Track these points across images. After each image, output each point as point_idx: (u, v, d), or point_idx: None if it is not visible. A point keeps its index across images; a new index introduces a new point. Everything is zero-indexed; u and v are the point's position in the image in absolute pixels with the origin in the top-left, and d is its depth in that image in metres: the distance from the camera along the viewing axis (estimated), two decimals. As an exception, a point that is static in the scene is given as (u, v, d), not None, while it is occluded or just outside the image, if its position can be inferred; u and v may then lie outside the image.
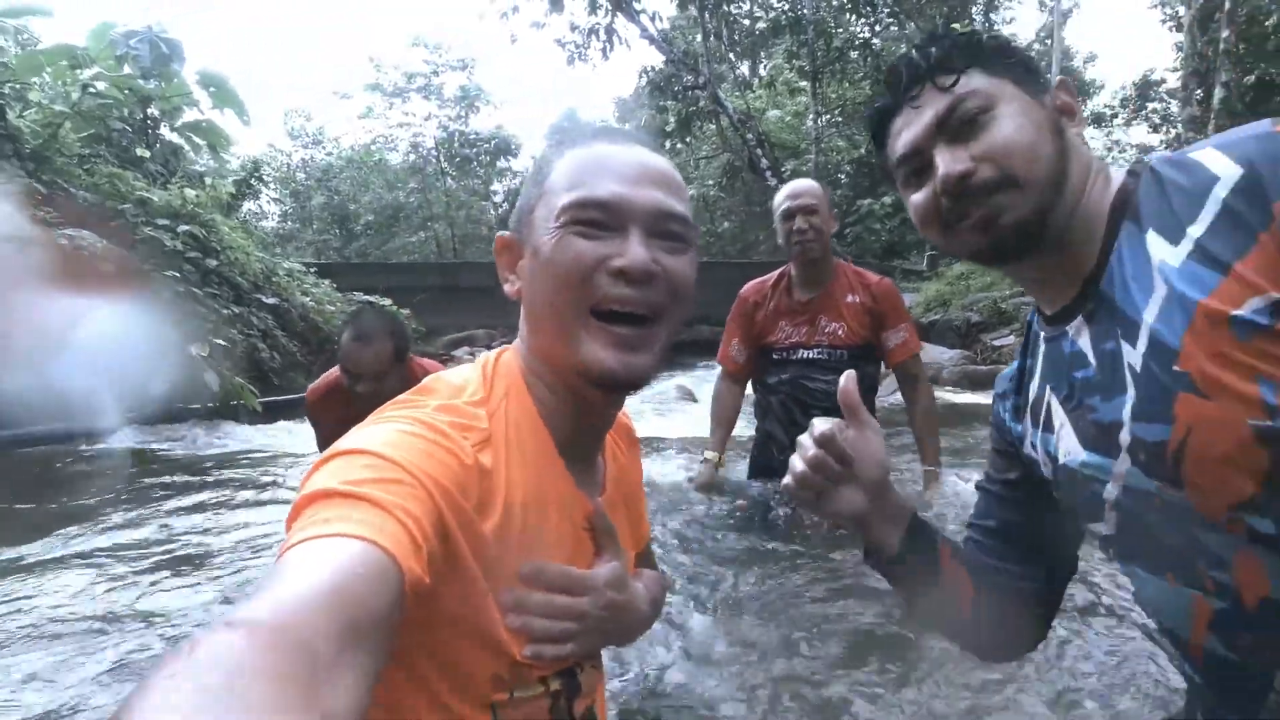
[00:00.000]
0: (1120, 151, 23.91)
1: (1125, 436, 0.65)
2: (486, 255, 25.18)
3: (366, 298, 10.37)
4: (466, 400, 0.64)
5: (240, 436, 4.81)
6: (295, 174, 24.72)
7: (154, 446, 4.28)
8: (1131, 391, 0.64)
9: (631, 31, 13.29)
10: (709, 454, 2.53)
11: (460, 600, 0.58)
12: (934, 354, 7.91)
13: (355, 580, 0.42)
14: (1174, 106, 19.81)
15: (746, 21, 17.59)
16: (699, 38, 15.31)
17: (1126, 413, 0.65)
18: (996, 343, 8.35)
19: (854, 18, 15.07)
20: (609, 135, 0.71)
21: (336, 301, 9.30)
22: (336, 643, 0.39)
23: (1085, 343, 0.70)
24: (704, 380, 9.49)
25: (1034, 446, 0.80)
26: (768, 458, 2.54)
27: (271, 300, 6.88)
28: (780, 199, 2.39)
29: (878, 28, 15.59)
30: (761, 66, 21.77)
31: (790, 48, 15.11)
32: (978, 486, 0.92)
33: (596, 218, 0.65)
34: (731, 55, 18.19)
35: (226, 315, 5.94)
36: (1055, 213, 0.68)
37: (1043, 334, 0.77)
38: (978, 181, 0.68)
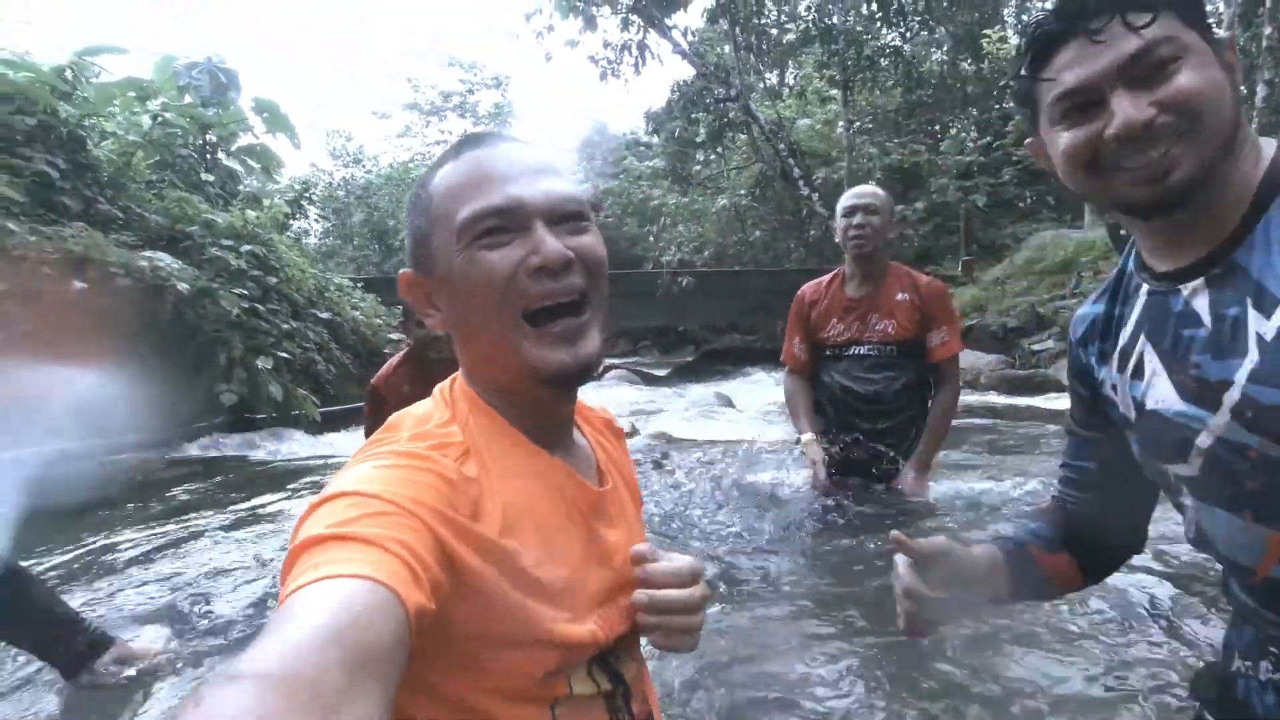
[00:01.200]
0: (1162, 151, 23.35)
1: (1234, 395, 0.67)
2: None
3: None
4: (435, 425, 0.64)
5: (308, 443, 5.09)
6: (336, 192, 25.53)
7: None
8: (1255, 357, 0.65)
9: (663, 47, 13.54)
10: (806, 435, 2.61)
11: (486, 611, 0.57)
12: (971, 359, 7.92)
13: (356, 618, 0.42)
14: (1217, 104, 19.32)
15: (775, 31, 17.72)
16: (728, 49, 15.51)
17: (1242, 374, 0.66)
18: (1035, 347, 8.31)
19: (883, 27, 15.09)
20: (474, 142, 0.70)
21: (383, 315, 9.65)
22: (344, 683, 0.39)
23: (1202, 304, 0.70)
24: (739, 388, 9.60)
25: (1114, 389, 0.82)
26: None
27: (325, 315, 7.20)
28: (844, 198, 2.57)
29: (908, 35, 15.60)
30: (790, 75, 21.87)
31: (821, 57, 15.19)
32: (1066, 431, 0.95)
33: (497, 225, 0.64)
34: (760, 66, 18.34)
35: (286, 330, 6.26)
36: (1219, 174, 0.67)
37: (1145, 286, 0.77)
38: (1159, 131, 0.66)
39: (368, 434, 3.03)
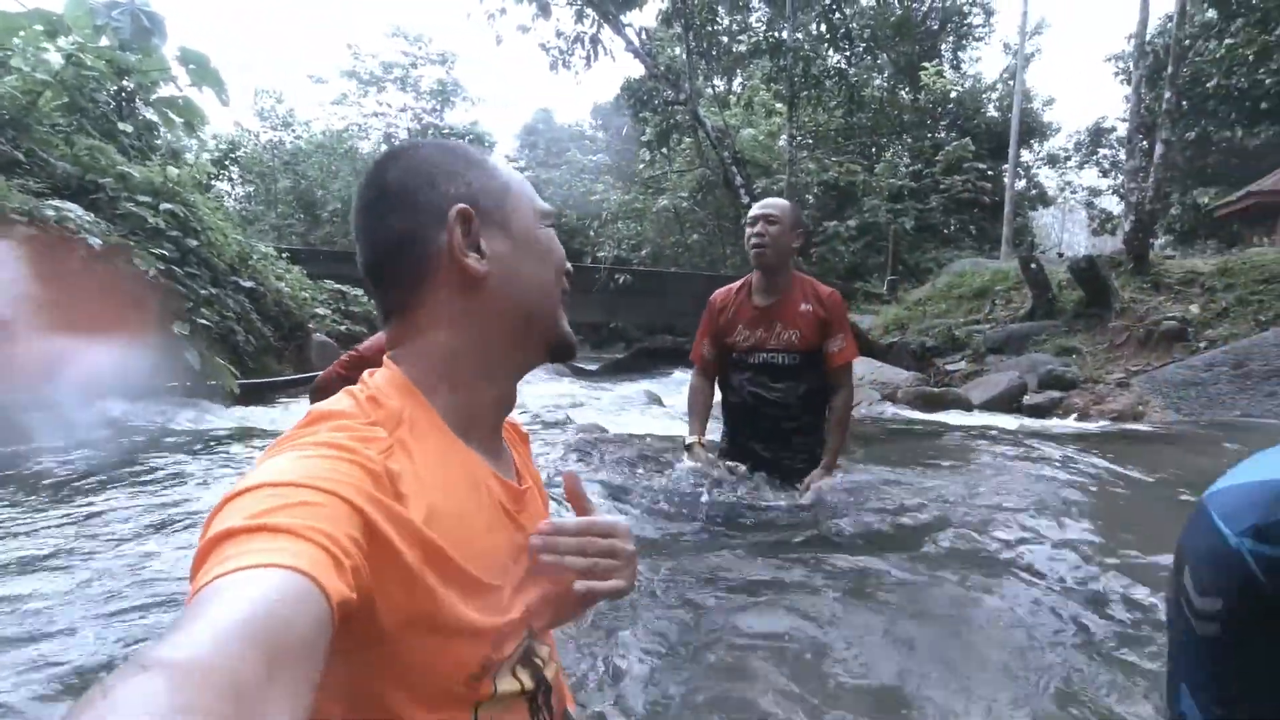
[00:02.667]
0: (1072, 192, 25.23)
1: None
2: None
3: (339, 287, 10.37)
4: (357, 421, 0.61)
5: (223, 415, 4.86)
6: (261, 155, 24.26)
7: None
8: None
9: (616, 43, 13.54)
10: (690, 439, 2.72)
11: (410, 596, 0.56)
12: (890, 374, 8.32)
13: (274, 608, 0.40)
14: (1122, 154, 21.00)
15: (726, 39, 18.04)
16: (679, 51, 15.65)
17: None
18: (949, 367, 8.81)
19: (830, 49, 15.60)
20: (488, 150, 0.83)
21: (309, 289, 9.27)
22: (262, 673, 0.37)
23: None
24: (668, 386, 9.75)
25: None
26: (733, 455, 2.77)
27: (248, 284, 6.87)
28: (752, 208, 2.69)
29: (852, 59, 16.18)
30: (736, 84, 22.31)
31: (769, 71, 15.56)
32: None
33: (551, 220, 0.78)
34: (710, 71, 18.60)
35: (204, 296, 5.94)
36: None
37: None
38: None
39: (323, 387, 2.92)
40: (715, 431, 2.89)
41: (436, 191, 0.69)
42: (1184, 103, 10.33)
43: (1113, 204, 22.67)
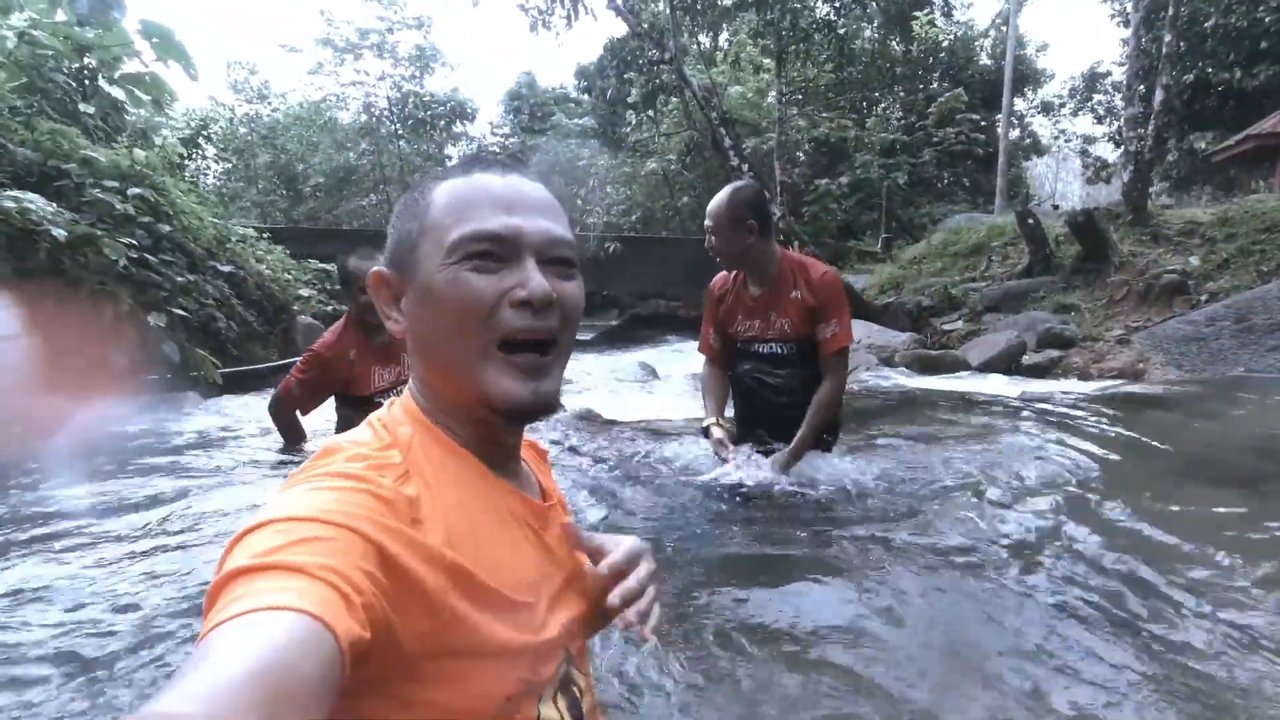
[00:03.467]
0: (1066, 141, 24.84)
1: None
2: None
3: (323, 266, 10.13)
4: (371, 449, 0.62)
5: (206, 406, 4.73)
6: (238, 130, 23.60)
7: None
8: None
9: (597, 1, 13.07)
10: (708, 421, 2.66)
11: (434, 620, 0.54)
12: (887, 337, 8.22)
13: (279, 654, 0.40)
14: (1118, 100, 20.61)
15: (711, -7, 17.49)
16: (661, 7, 15.13)
17: None
18: (946, 327, 8.71)
19: (819, 1, 15.12)
20: (485, 165, 0.70)
21: (292, 269, 9.06)
22: None
23: None
24: (663, 356, 9.64)
25: None
26: (742, 434, 2.73)
27: (226, 268, 6.65)
28: None
29: (841, 10, 15.70)
30: (722, 39, 21.70)
31: (757, 26, 15.09)
32: None
33: (490, 250, 0.63)
34: (694, 26, 18.05)
35: (181, 283, 5.75)
36: None
37: None
38: None
39: (284, 397, 2.89)
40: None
41: (386, 247, 0.71)
42: (1181, 44, 10.02)
43: (1108, 151, 22.35)
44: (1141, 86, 10.12)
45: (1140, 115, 8.87)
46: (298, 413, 2.99)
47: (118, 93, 9.17)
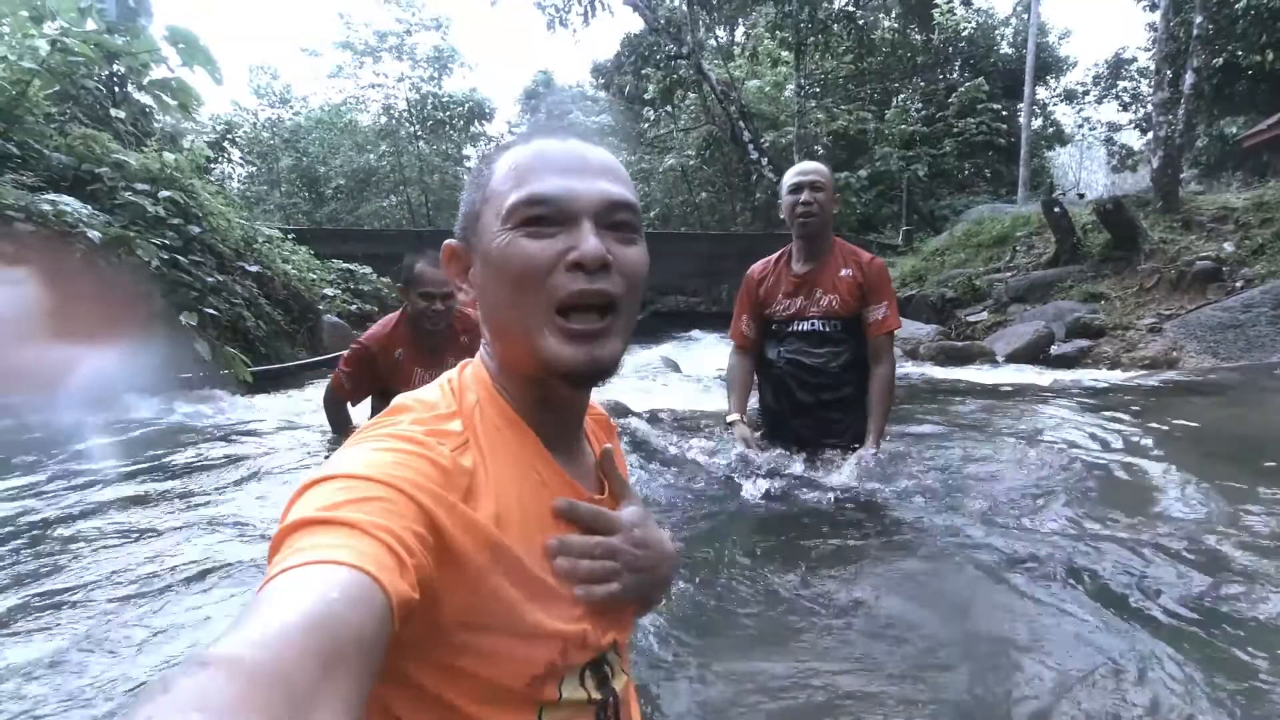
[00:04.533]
0: (1090, 129, 24.38)
1: None
2: (461, 222, 24.72)
3: (347, 265, 10.26)
4: (438, 414, 0.63)
5: (238, 404, 4.81)
6: (261, 134, 23.94)
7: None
8: None
9: (614, -3, 13.07)
10: (732, 416, 2.69)
11: (477, 595, 0.56)
12: (911, 329, 8.13)
13: (333, 606, 0.41)
14: (1144, 86, 20.19)
15: (727, -13, 17.40)
16: (678, 2, 15.08)
17: None
18: (971, 318, 8.60)
19: (837, -11, 14.99)
20: (546, 131, 0.70)
21: (317, 269, 9.17)
22: (317, 672, 0.38)
23: None
24: (685, 351, 9.62)
25: None
26: (771, 430, 2.74)
27: (254, 268, 6.76)
28: (789, 175, 2.60)
29: (860, 1, 15.54)
30: (739, 33, 21.59)
31: (775, 19, 14.99)
32: None
33: (545, 214, 0.63)
34: (711, 21, 17.98)
35: (211, 283, 5.84)
36: None
37: None
38: None
39: (337, 391, 2.87)
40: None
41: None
42: (1211, 26, 9.79)
43: (1133, 139, 21.91)
44: (1170, 71, 9.91)
45: (1169, 100, 8.68)
46: (348, 404, 2.99)
47: (145, 98, 9.35)
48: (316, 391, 5.91)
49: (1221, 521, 2.22)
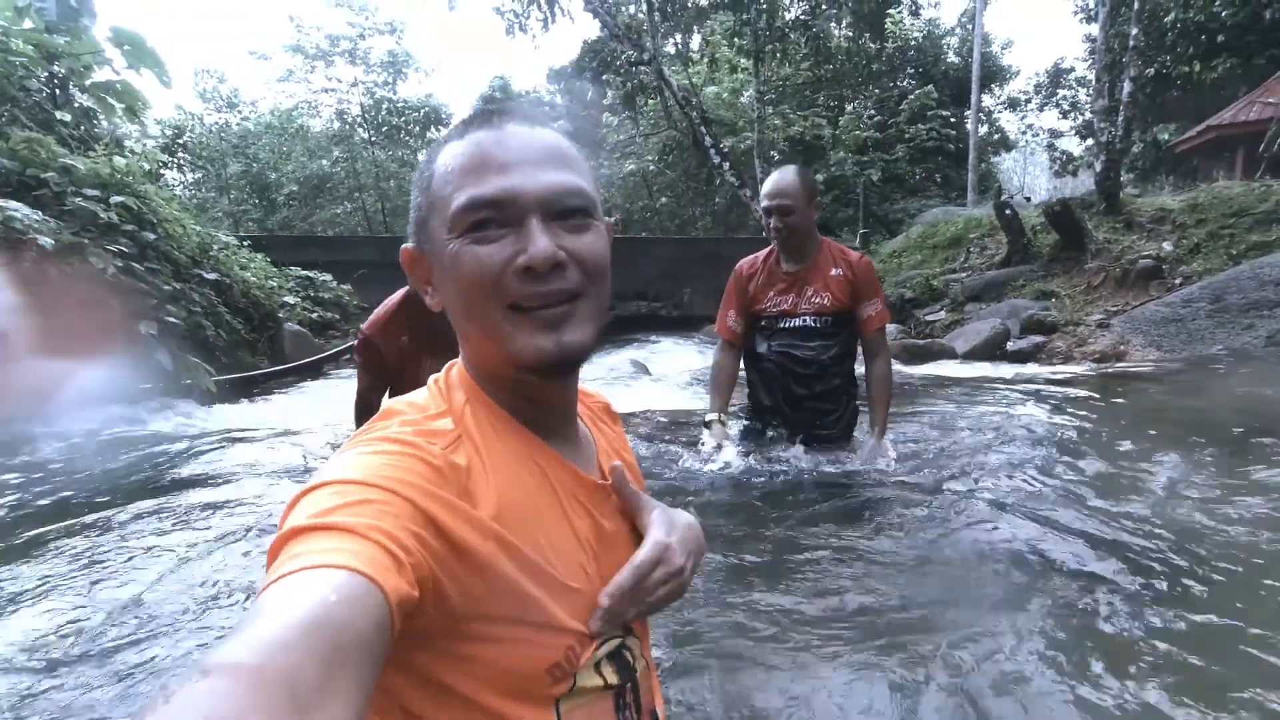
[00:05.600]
0: (1033, 135, 25.39)
1: None
2: (419, 228, 24.37)
3: (305, 273, 10.03)
4: (427, 415, 0.63)
5: (201, 415, 4.67)
6: (207, 139, 23.18)
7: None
8: None
9: (575, 3, 13.10)
10: (710, 415, 2.72)
11: (488, 588, 0.56)
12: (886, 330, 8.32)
13: (332, 608, 0.42)
14: (1082, 95, 21.12)
15: (684, -6, 17.61)
16: (635, 9, 15.18)
17: None
18: (929, 318, 8.86)
19: (793, 1, 15.31)
20: (482, 121, 0.66)
21: (275, 277, 8.95)
22: (320, 678, 0.38)
23: None
24: (652, 355, 9.67)
25: None
26: (759, 424, 2.79)
27: (212, 276, 6.56)
28: (763, 194, 2.61)
29: (816, 10, 15.89)
30: (696, 40, 21.86)
31: (733, 26, 15.23)
32: None
33: (489, 217, 0.61)
34: (669, 27, 18.15)
35: (168, 291, 5.65)
36: None
37: None
38: None
39: (360, 392, 2.59)
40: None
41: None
42: (1144, 38, 10.31)
43: (1073, 145, 22.87)
44: (1108, 80, 10.40)
45: (1109, 107, 9.11)
46: (373, 400, 2.62)
47: (90, 101, 8.99)
48: (281, 400, 5.78)
49: (1179, 492, 2.36)
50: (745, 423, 2.89)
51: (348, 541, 0.47)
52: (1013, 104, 24.07)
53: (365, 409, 2.66)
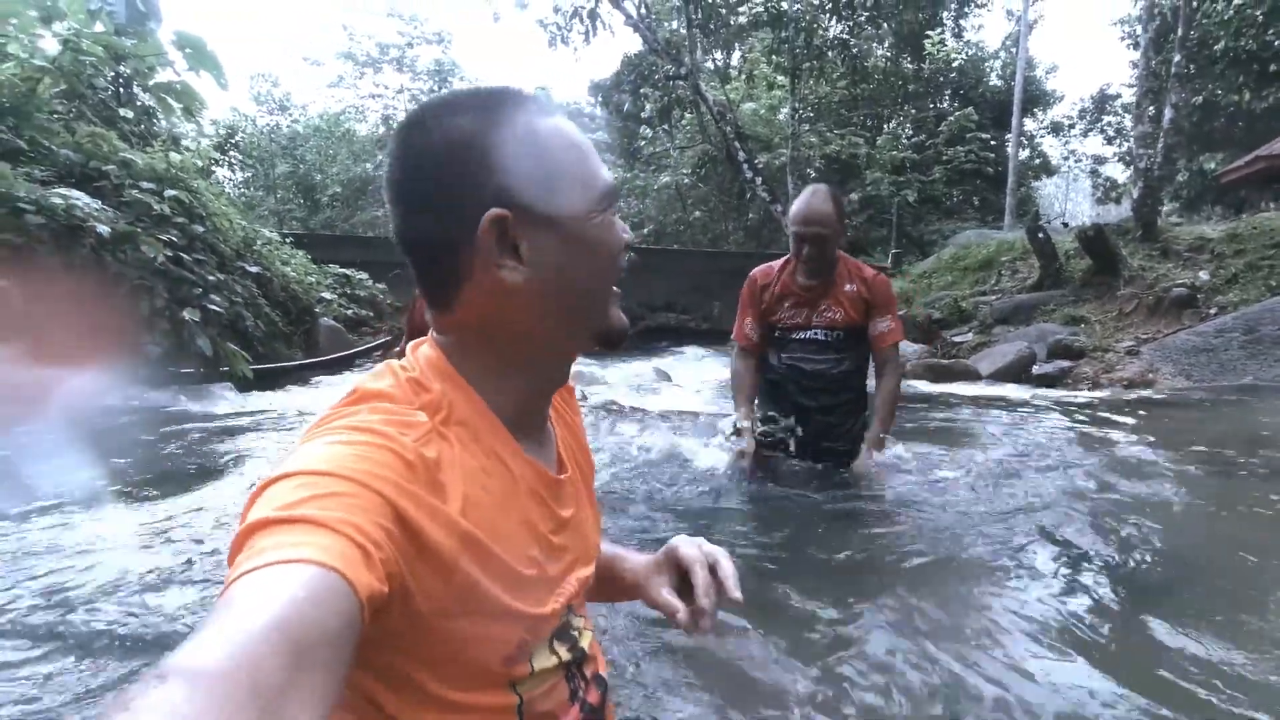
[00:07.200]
0: (1076, 161, 24.99)
1: None
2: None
3: (343, 271, 10.35)
4: (398, 403, 0.61)
5: (238, 401, 4.88)
6: (259, 139, 24.04)
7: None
8: None
9: (615, 17, 13.36)
10: (742, 423, 2.72)
11: (447, 584, 0.55)
12: (901, 347, 8.29)
13: (299, 605, 0.40)
14: (1128, 121, 20.75)
15: (725, 11, 17.80)
16: (676, 24, 15.39)
17: None
18: (956, 339, 8.79)
19: (832, 19, 15.37)
20: (547, 106, 0.68)
21: (314, 273, 9.26)
22: (284, 678, 0.37)
23: None
24: (676, 364, 9.76)
25: None
26: (771, 435, 2.80)
27: (254, 269, 6.84)
28: (794, 217, 2.57)
29: (854, 29, 15.95)
30: (736, 56, 22.02)
31: (771, 43, 15.35)
32: None
33: (613, 200, 0.68)
34: (709, 44, 18.34)
35: (212, 281, 5.93)
36: None
37: None
38: None
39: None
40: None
41: (468, 187, 0.61)
42: (1191, 66, 10.16)
43: (1118, 172, 22.46)
44: (1151, 107, 10.26)
45: (1150, 134, 8.99)
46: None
47: (151, 100, 9.45)
48: (314, 392, 6.00)
49: (1197, 513, 2.37)
50: (763, 427, 2.91)
51: (316, 535, 0.45)
52: (1056, 129, 23.75)
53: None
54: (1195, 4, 13.26)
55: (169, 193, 6.03)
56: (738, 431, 2.73)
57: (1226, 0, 15.39)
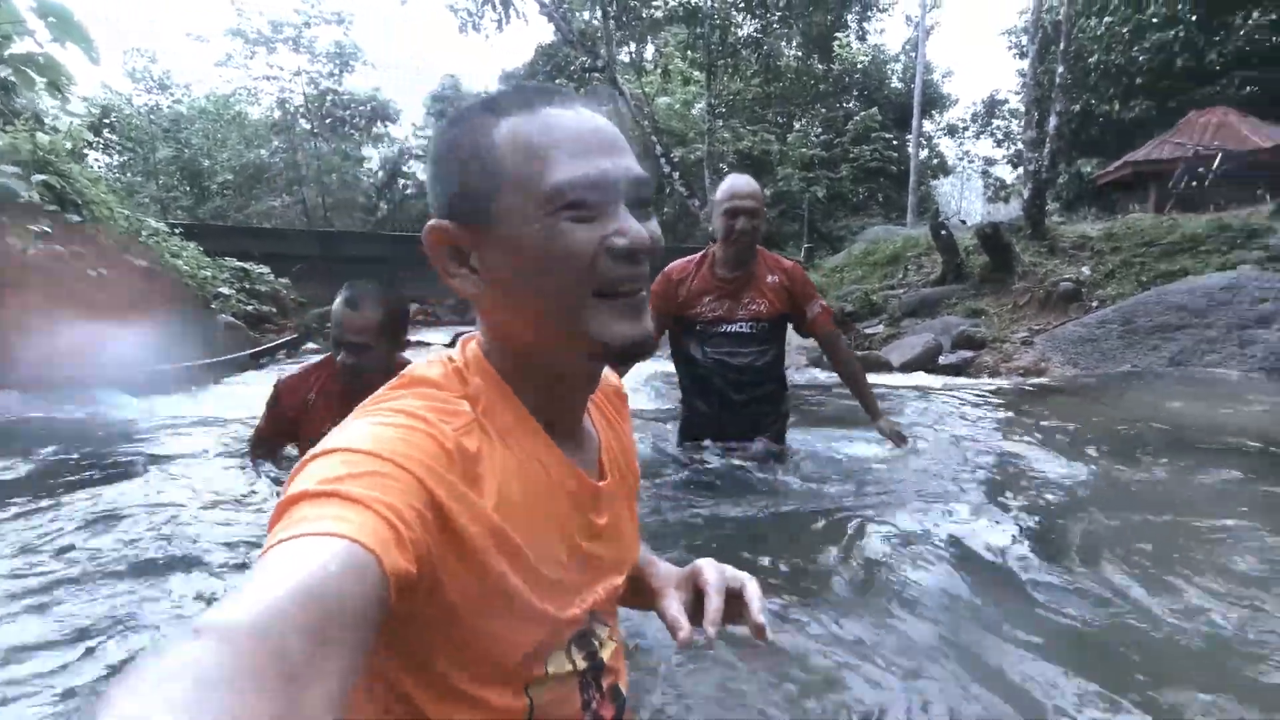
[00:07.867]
0: (969, 161, 26.69)
1: None
2: (364, 223, 23.89)
3: (241, 264, 9.66)
4: (445, 393, 0.61)
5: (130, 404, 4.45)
6: (135, 120, 22.09)
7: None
8: None
9: (530, 5, 13.09)
10: None
11: (480, 575, 0.56)
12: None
13: (328, 578, 0.41)
14: (1015, 126, 22.31)
15: (638, 3, 17.81)
16: (589, 16, 15.26)
17: None
18: (868, 331, 9.18)
19: (745, 16, 15.67)
20: (546, 97, 0.64)
21: (208, 267, 8.60)
22: (310, 644, 0.38)
23: None
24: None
25: None
26: (694, 427, 2.81)
27: (142, 263, 6.28)
28: (725, 194, 2.59)
29: (767, 29, 16.32)
30: (649, 51, 22.11)
31: (687, 39, 15.49)
32: None
33: (585, 199, 0.60)
34: (623, 36, 18.30)
35: (94, 278, 5.39)
36: None
37: None
38: None
39: (261, 425, 2.49)
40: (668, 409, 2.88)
41: (436, 198, 0.65)
42: (1069, 77, 11.01)
43: (1006, 173, 24.14)
44: (1036, 113, 11.03)
45: (1037, 139, 9.68)
46: (269, 448, 2.58)
47: (9, 73, 8.47)
48: (206, 395, 5.56)
49: (1097, 492, 2.55)
50: (681, 426, 2.90)
51: (351, 511, 0.46)
52: (951, 131, 25.27)
53: (258, 443, 2.56)
54: (1074, 20, 14.36)
55: (37, 177, 5.43)
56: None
57: (1098, 17, 16.79)
